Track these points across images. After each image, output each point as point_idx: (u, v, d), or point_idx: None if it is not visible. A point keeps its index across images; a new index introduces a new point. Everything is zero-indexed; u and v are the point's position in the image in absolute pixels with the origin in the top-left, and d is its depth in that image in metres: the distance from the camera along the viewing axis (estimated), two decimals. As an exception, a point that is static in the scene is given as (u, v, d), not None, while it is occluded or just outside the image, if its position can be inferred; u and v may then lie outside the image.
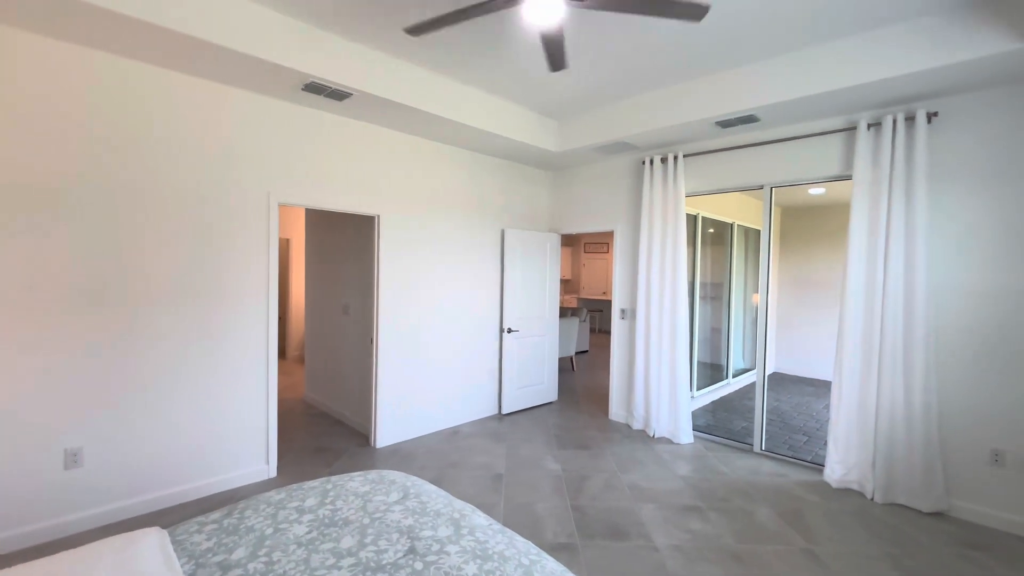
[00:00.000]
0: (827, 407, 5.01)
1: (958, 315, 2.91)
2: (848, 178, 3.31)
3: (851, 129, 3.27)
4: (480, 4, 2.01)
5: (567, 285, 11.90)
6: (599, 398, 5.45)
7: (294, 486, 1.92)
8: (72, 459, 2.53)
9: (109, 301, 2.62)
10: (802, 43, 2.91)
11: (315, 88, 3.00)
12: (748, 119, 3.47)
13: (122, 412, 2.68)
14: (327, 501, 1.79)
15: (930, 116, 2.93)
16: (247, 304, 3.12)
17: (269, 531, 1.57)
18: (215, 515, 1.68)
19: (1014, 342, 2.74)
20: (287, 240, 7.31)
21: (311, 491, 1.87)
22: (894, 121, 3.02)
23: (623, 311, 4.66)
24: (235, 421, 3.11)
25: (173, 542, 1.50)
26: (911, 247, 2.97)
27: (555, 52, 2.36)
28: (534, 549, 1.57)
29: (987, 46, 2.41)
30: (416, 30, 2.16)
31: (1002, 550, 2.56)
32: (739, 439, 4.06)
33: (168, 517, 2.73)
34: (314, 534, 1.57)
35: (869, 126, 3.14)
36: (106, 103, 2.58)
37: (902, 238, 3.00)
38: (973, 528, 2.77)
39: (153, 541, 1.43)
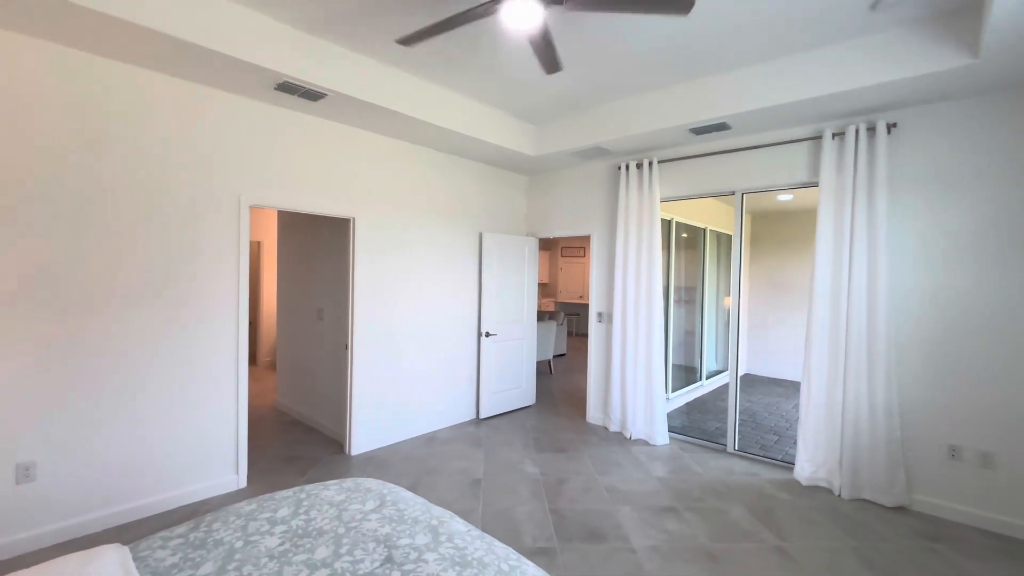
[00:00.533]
0: (796, 407, 5.16)
1: (916, 316, 3.05)
2: (815, 185, 3.43)
3: (817, 138, 3.40)
4: (463, 13, 2.02)
5: (544, 289, 11.96)
6: (577, 401, 5.48)
7: (265, 496, 1.86)
8: (24, 473, 2.39)
9: (68, 304, 2.49)
10: (771, 55, 3.02)
11: (288, 88, 2.94)
12: (720, 127, 3.56)
13: (80, 422, 2.55)
14: (300, 511, 1.74)
15: (890, 127, 3.07)
16: (216, 308, 3.02)
17: (239, 544, 1.51)
18: (181, 529, 1.61)
19: (966, 341, 2.88)
20: (258, 243, 7.12)
21: (283, 501, 1.81)
22: (857, 131, 3.15)
23: (600, 314, 4.70)
24: (203, 430, 3.00)
25: (135, 559, 1.44)
26: (873, 252, 3.10)
27: (547, 55, 2.38)
28: (513, 554, 1.56)
29: (941, 62, 2.55)
30: (408, 40, 2.18)
31: (960, 541, 2.67)
32: (713, 440, 4.14)
33: (130, 532, 2.60)
34: (287, 546, 1.52)
35: (834, 135, 3.27)
36: (68, 99, 2.46)
37: (865, 243, 3.12)
38: (933, 521, 2.89)
39: (113, 558, 1.36)
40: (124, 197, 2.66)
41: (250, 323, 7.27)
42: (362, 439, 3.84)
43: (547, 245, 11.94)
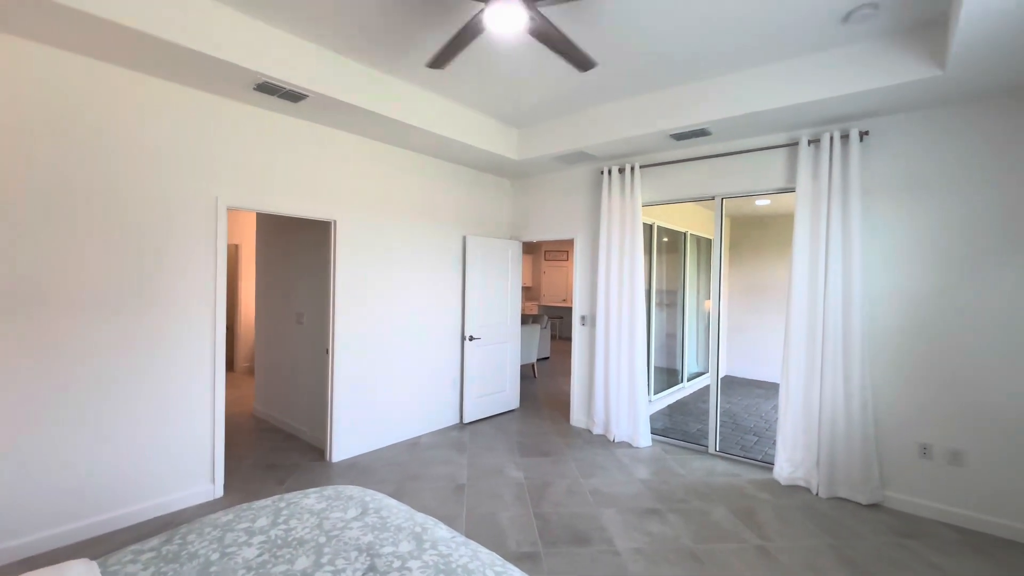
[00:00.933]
0: (775, 408, 5.26)
1: (887, 317, 3.14)
2: (792, 191, 3.52)
3: (793, 145, 3.48)
4: None
5: (528, 292, 11.97)
6: (560, 404, 5.49)
7: (243, 506, 1.81)
8: (-15, 487, 2.28)
9: (32, 307, 2.39)
10: (749, 63, 3.08)
11: (268, 88, 2.89)
12: (700, 132, 3.62)
13: (45, 431, 2.44)
14: (280, 521, 1.70)
15: (862, 134, 3.17)
16: (192, 313, 2.94)
17: (215, 556, 1.47)
18: (153, 542, 1.56)
19: (935, 341, 2.98)
20: (236, 246, 6.97)
21: (262, 510, 1.76)
22: (831, 138, 3.24)
23: (583, 318, 4.73)
24: (177, 438, 2.91)
25: (104, 574, 1.38)
26: (848, 255, 3.19)
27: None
28: (499, 560, 1.55)
29: (909, 73, 2.64)
30: None
31: (932, 537, 2.75)
32: (694, 441, 4.19)
33: (99, 546, 2.50)
34: (265, 557, 1.48)
35: (809, 142, 3.35)
36: (40, 97, 2.37)
37: (840, 248, 3.21)
38: (906, 518, 2.97)
39: (81, 574, 1.30)
40: (96, 198, 2.57)
41: (228, 328, 7.10)
42: (343, 445, 3.77)
43: (530, 249, 11.97)
